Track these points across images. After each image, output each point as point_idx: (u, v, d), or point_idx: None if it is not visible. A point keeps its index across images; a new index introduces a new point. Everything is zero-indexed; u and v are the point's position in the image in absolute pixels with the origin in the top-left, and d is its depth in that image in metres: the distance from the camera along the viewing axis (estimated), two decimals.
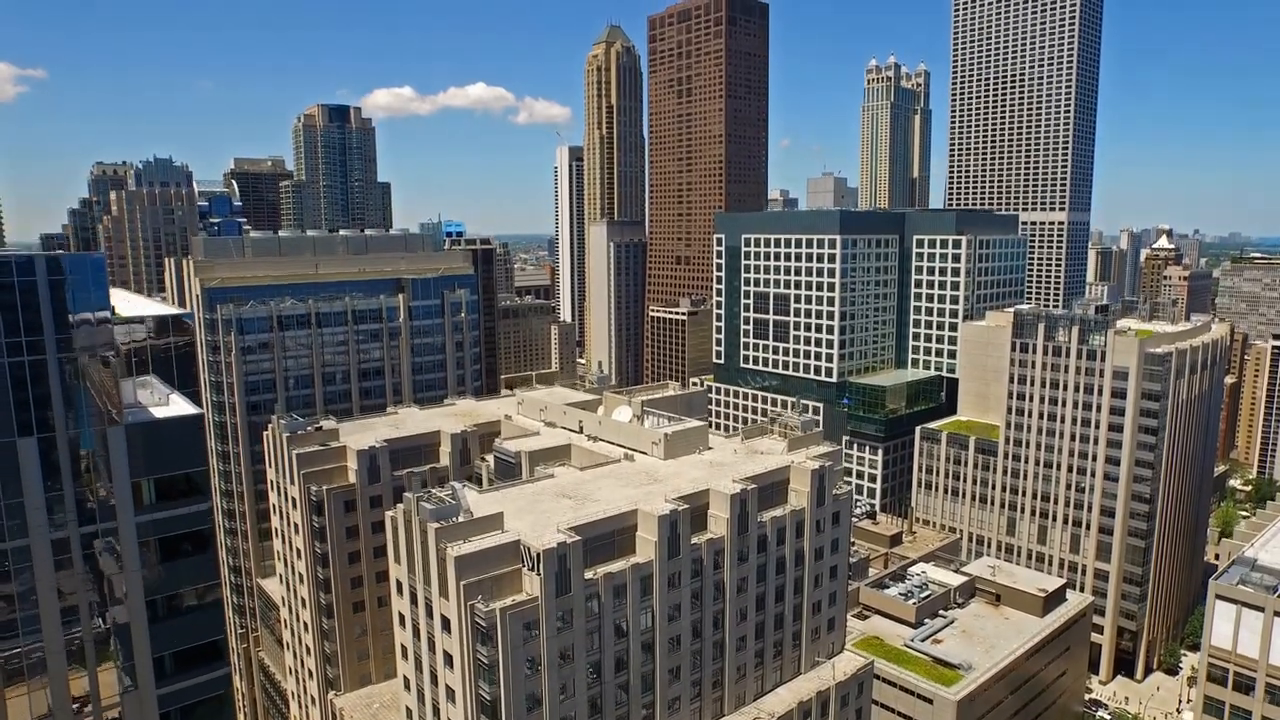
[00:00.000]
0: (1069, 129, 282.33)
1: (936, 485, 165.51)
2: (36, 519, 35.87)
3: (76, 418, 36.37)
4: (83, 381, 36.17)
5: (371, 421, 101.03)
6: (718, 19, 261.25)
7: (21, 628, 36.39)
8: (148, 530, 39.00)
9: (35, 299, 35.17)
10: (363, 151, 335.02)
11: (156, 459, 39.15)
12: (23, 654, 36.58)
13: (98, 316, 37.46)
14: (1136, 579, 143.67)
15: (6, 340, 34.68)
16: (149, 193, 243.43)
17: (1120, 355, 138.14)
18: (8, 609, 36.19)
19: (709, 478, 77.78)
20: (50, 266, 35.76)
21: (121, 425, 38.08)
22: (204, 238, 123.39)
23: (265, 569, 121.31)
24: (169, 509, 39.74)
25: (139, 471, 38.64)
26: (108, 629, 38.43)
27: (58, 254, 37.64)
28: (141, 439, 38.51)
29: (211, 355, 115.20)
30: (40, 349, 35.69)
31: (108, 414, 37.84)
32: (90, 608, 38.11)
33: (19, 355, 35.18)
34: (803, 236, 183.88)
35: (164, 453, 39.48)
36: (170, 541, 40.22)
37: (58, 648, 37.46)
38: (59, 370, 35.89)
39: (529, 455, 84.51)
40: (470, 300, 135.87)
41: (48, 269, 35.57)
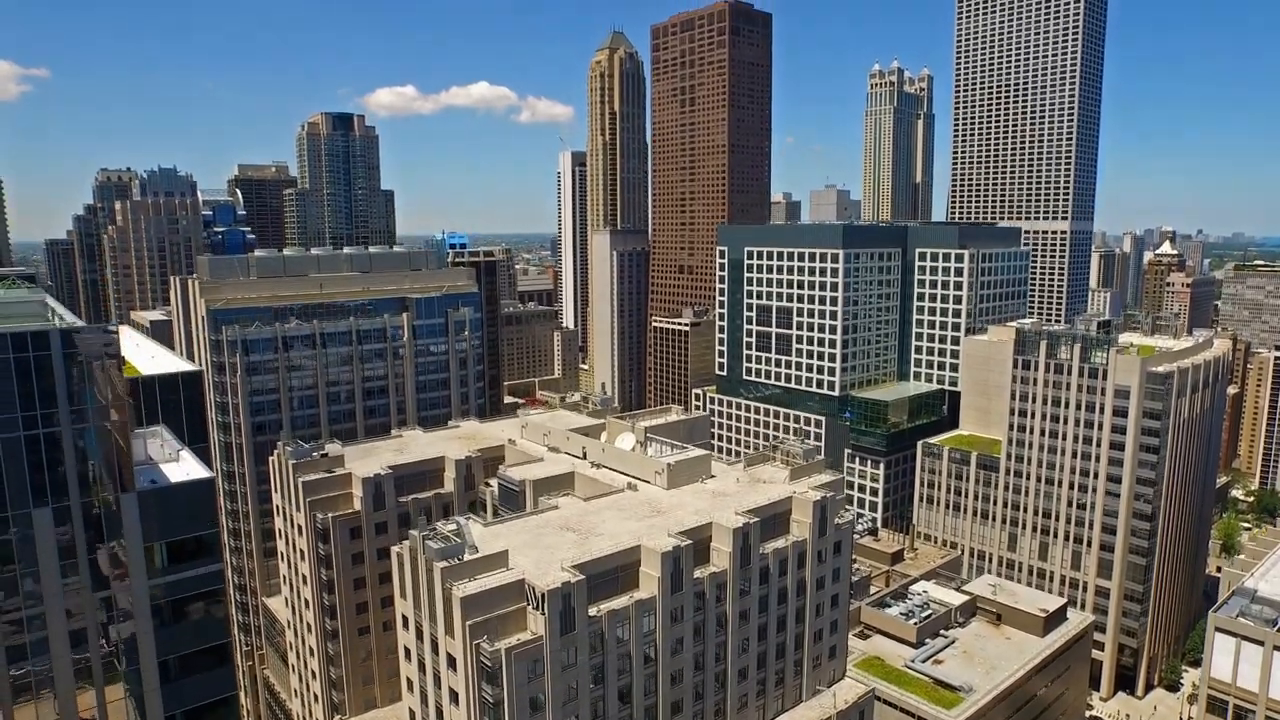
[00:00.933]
0: (1072, 139, 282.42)
1: (938, 500, 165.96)
2: (51, 587, 36.55)
3: (90, 486, 37.06)
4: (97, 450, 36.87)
5: (376, 445, 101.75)
6: (721, 29, 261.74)
7: (35, 690, 37.05)
8: (160, 593, 39.73)
9: (50, 371, 35.82)
10: (366, 159, 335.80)
11: (169, 523, 39.78)
12: None
13: (113, 394, 38.05)
14: (1137, 596, 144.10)
15: (22, 414, 35.44)
16: (153, 202, 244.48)
17: (1122, 374, 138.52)
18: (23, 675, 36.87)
19: (711, 509, 78.38)
20: (65, 340, 36.43)
21: (134, 492, 38.80)
22: (209, 258, 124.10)
23: (270, 587, 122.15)
24: (181, 571, 40.46)
25: (152, 536, 39.32)
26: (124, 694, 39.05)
27: (73, 326, 38.27)
28: (154, 504, 39.20)
29: (217, 376, 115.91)
30: (54, 421, 36.44)
31: (120, 481, 38.51)
32: (101, 670, 38.80)
33: (34, 428, 35.94)
34: (805, 250, 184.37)
35: (176, 517, 40.11)
36: (181, 602, 40.94)
37: (72, 713, 38.14)
38: (73, 441, 36.58)
39: (533, 484, 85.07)
40: (474, 318, 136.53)
41: (63, 342, 36.24)
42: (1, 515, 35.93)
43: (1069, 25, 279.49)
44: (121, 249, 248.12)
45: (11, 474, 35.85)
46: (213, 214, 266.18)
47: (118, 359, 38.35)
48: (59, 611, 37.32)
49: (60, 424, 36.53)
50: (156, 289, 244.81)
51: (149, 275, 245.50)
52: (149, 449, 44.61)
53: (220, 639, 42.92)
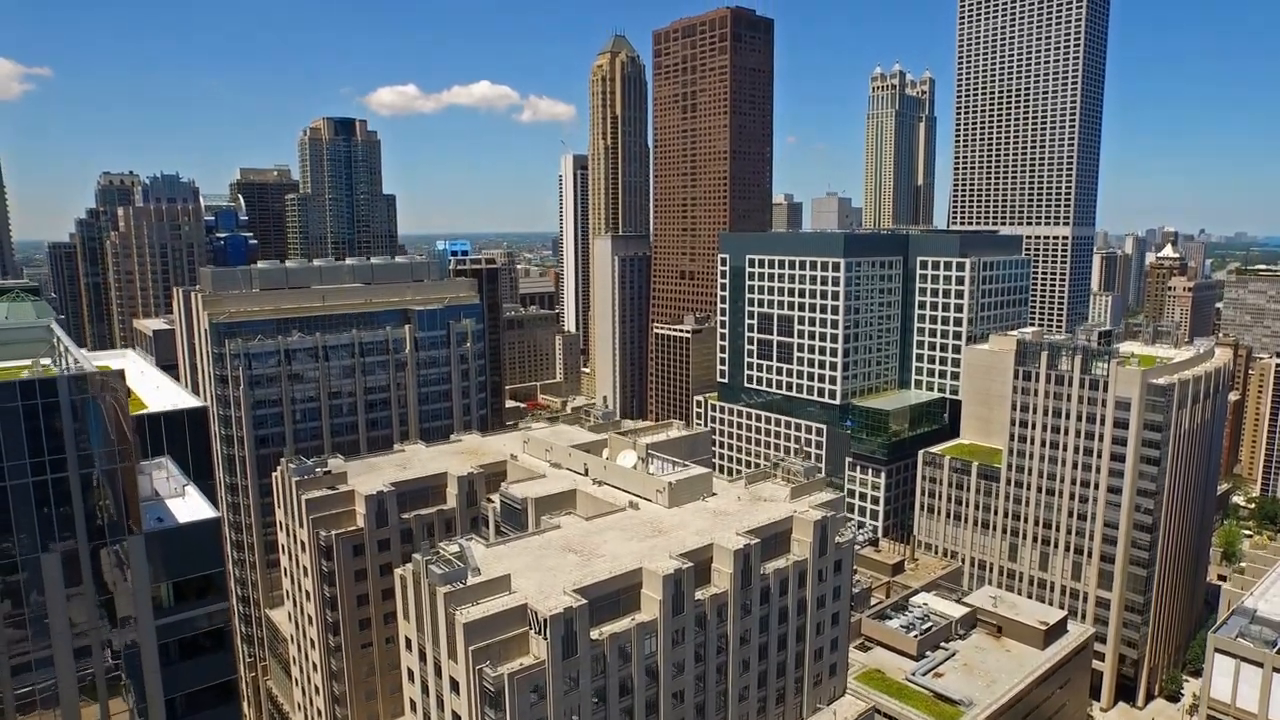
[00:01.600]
0: (1073, 144, 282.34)
1: (939, 509, 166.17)
2: (60, 628, 36.91)
3: (98, 529, 37.46)
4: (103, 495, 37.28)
5: (378, 461, 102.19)
6: (722, 35, 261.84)
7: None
8: (167, 633, 40.11)
9: (58, 418, 36.23)
10: (368, 164, 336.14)
11: (175, 564, 40.17)
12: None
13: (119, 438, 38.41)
14: (1138, 607, 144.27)
15: (30, 460, 35.83)
16: (156, 208, 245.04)
17: (1123, 386, 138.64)
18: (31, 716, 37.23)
19: (712, 528, 78.75)
20: (75, 386, 36.83)
21: (141, 535, 39.17)
22: (212, 271, 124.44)
23: (273, 599, 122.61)
24: (187, 610, 40.85)
25: (159, 576, 39.71)
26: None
27: (81, 373, 38.65)
28: (161, 545, 39.58)
29: (219, 389, 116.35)
30: (63, 466, 36.80)
31: (127, 524, 38.88)
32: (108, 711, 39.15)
33: (43, 474, 36.32)
34: (807, 258, 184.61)
35: (183, 557, 40.50)
36: (189, 640, 41.30)
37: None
38: (80, 485, 36.98)
39: (535, 502, 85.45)
40: (476, 330, 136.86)
41: (71, 389, 36.63)
42: (10, 559, 36.45)
43: (1071, 30, 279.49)
44: (124, 254, 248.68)
45: (21, 519, 36.29)
46: (215, 219, 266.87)
47: (124, 404, 38.71)
48: (67, 652, 37.69)
49: (68, 469, 36.97)
50: (159, 294, 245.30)
51: (151, 281, 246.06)
52: (154, 483, 44.99)
53: (227, 676, 43.28)
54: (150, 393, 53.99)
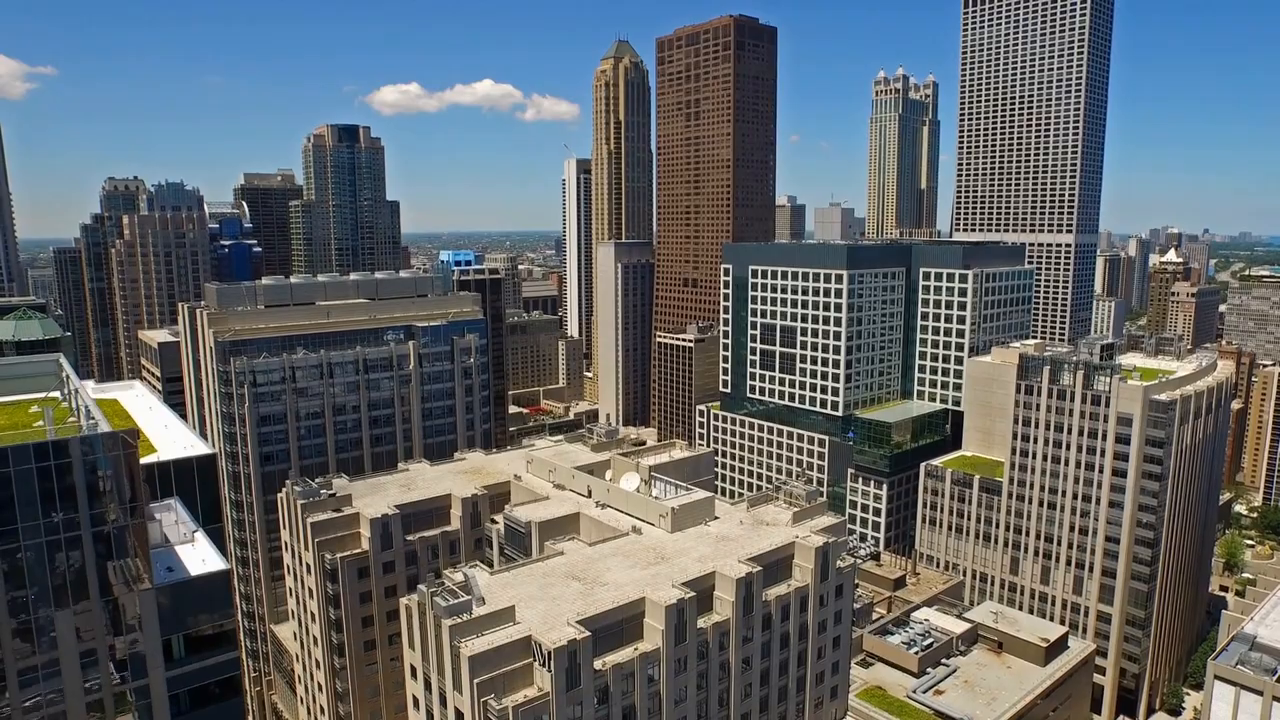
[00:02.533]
0: (1077, 152, 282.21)
1: (940, 522, 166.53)
2: (72, 684, 37.56)
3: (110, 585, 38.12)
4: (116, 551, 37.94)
5: (382, 481, 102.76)
6: (726, 43, 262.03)
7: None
8: (178, 683, 40.76)
9: (71, 478, 36.89)
10: (372, 170, 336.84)
11: (186, 616, 40.84)
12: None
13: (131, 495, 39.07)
14: (1139, 622, 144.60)
15: (44, 521, 36.49)
16: (160, 216, 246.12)
17: (1125, 402, 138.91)
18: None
19: (715, 555, 79.30)
20: (85, 447, 37.49)
21: (152, 589, 39.83)
22: (217, 287, 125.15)
23: (278, 614, 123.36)
24: (198, 660, 41.49)
25: (170, 629, 40.37)
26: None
27: (93, 435, 39.31)
28: (171, 598, 40.23)
29: (225, 406, 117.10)
30: (75, 525, 37.46)
31: (139, 579, 39.56)
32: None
33: (56, 533, 36.95)
34: (809, 270, 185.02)
35: (193, 609, 41.17)
36: (199, 690, 41.96)
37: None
38: (93, 543, 37.62)
39: (539, 526, 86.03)
40: (479, 345, 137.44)
41: (81, 450, 37.31)
42: (25, 618, 37.11)
43: (1075, 39, 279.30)
44: (129, 262, 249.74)
45: (34, 577, 36.95)
46: (219, 227, 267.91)
47: (135, 463, 39.36)
48: (79, 704, 38.31)
49: (81, 528, 37.64)
50: (164, 302, 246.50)
51: (156, 289, 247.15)
52: (164, 527, 45.62)
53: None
54: (159, 433, 54.67)
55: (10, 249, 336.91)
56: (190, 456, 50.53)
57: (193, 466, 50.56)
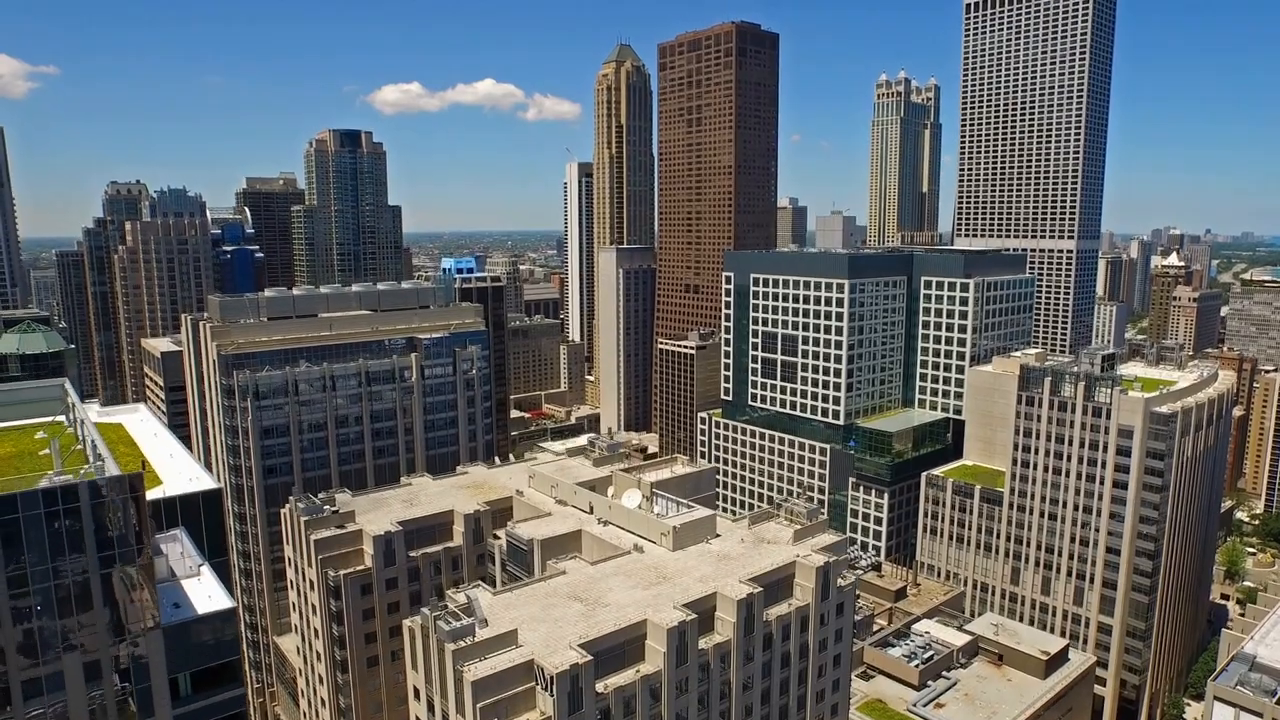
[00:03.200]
0: (1078, 159, 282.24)
1: (941, 531, 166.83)
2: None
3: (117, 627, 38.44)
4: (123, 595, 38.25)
5: (385, 495, 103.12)
6: (728, 50, 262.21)
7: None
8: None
9: (79, 521, 37.24)
10: (374, 175, 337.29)
11: (192, 655, 41.15)
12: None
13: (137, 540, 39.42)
14: (1140, 633, 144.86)
15: (52, 564, 36.84)
16: (163, 223, 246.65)
17: (1125, 414, 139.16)
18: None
19: (716, 574, 79.58)
20: (92, 490, 37.85)
21: (159, 629, 40.18)
22: (220, 300, 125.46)
23: (281, 625, 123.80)
24: (204, 698, 41.83)
25: (176, 668, 40.70)
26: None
27: (101, 479, 39.66)
28: (178, 638, 40.56)
29: (228, 420, 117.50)
30: (83, 569, 37.78)
31: (145, 620, 39.89)
32: None
33: (64, 577, 37.30)
34: (811, 279, 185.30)
35: (200, 648, 41.48)
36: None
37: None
38: (101, 586, 37.94)
39: (541, 544, 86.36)
40: (481, 356, 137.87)
41: (90, 493, 37.67)
42: (33, 661, 37.42)
43: (1077, 46, 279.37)
44: (131, 268, 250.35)
45: (43, 621, 37.30)
46: (221, 232, 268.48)
47: (143, 506, 39.73)
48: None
49: (89, 571, 37.97)
50: (166, 308, 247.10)
51: (159, 295, 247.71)
52: (170, 559, 45.98)
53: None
54: (164, 462, 55.05)
55: (13, 253, 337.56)
56: (196, 492, 50.87)
57: (198, 501, 50.90)
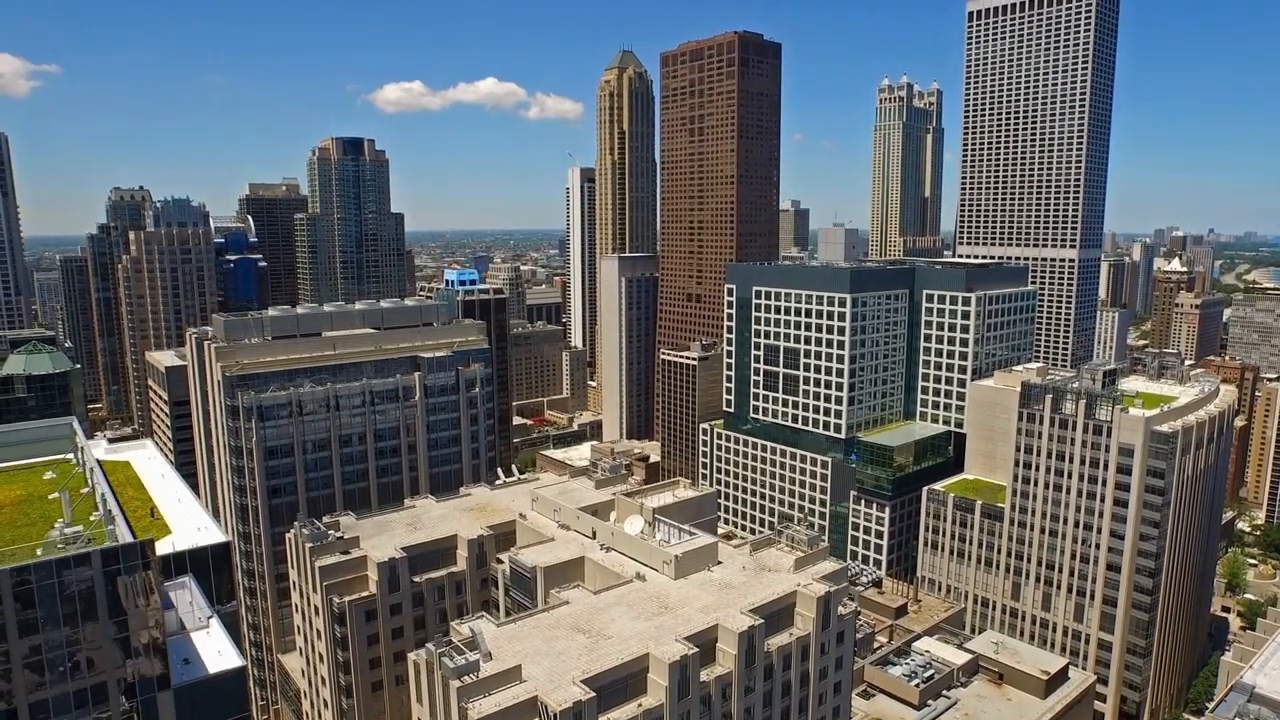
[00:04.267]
0: (1080, 168, 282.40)
1: (942, 546, 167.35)
2: None
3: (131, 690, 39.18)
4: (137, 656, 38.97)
5: (388, 519, 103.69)
6: (730, 60, 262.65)
7: None
8: None
9: (92, 588, 37.91)
10: (376, 183, 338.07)
11: (202, 713, 41.82)
12: None
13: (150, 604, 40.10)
14: (1140, 650, 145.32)
15: (66, 629, 37.50)
16: (166, 232, 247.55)
17: (1126, 433, 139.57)
18: None
19: (718, 604, 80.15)
20: (106, 558, 38.55)
21: (170, 690, 40.87)
22: (224, 319, 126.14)
23: (285, 644, 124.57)
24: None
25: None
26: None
27: (113, 547, 40.35)
28: (189, 697, 41.24)
29: (233, 440, 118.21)
30: (97, 635, 38.41)
31: (157, 680, 40.58)
32: None
33: (77, 645, 38.01)
34: (813, 293, 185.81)
35: (210, 706, 42.19)
36: None
37: None
38: (114, 649, 38.61)
39: (544, 572, 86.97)
40: (484, 374, 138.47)
41: (103, 561, 38.38)
42: None
43: (1079, 54, 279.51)
44: (135, 278, 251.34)
45: (55, 686, 37.95)
46: (225, 241, 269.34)
47: (155, 574, 40.39)
48: None
49: (102, 637, 38.61)
50: (170, 317, 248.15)
51: (162, 304, 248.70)
52: (179, 610, 46.62)
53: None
54: (172, 507, 55.72)
55: (18, 262, 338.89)
56: (205, 546, 51.49)
57: (207, 555, 51.57)
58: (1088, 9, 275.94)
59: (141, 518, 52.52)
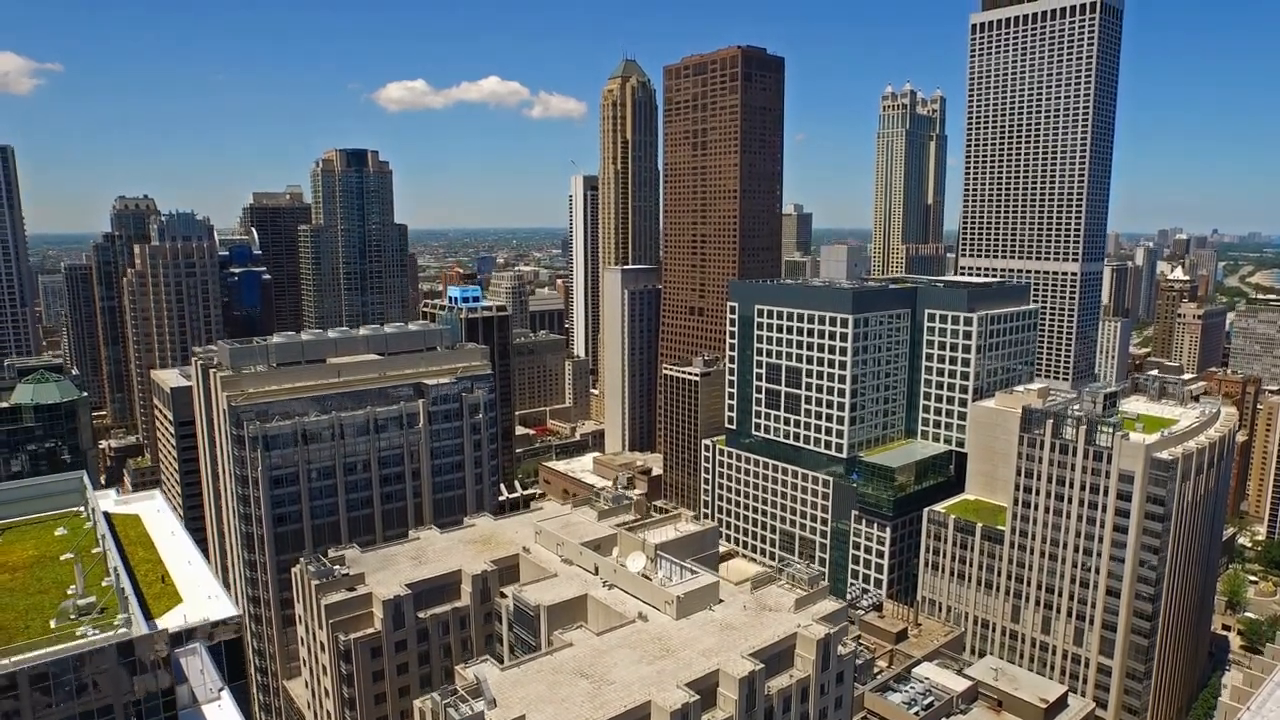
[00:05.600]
0: (1084, 181, 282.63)
1: (943, 567, 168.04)
2: None
3: None
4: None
5: (393, 552, 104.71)
6: (733, 74, 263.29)
7: None
8: None
9: (111, 678, 38.87)
10: (380, 194, 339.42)
11: None
12: None
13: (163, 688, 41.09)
14: (1139, 675, 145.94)
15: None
16: (171, 247, 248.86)
17: (1126, 459, 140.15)
18: None
19: (719, 647, 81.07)
20: (121, 649, 39.52)
21: None
22: (230, 347, 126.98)
23: (290, 670, 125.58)
24: None
25: None
26: None
27: (129, 638, 41.30)
28: None
29: (239, 469, 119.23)
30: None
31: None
32: None
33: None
34: (815, 313, 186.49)
35: None
36: None
37: None
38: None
39: (547, 611, 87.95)
40: (487, 399, 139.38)
41: (119, 654, 39.35)
42: None
43: (1083, 71, 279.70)
44: (140, 292, 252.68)
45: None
46: (229, 254, 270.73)
47: (168, 666, 41.34)
48: None
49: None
50: (175, 330, 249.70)
51: (167, 317, 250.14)
52: (190, 683, 47.52)
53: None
54: (182, 570, 56.64)
55: (23, 272, 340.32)
56: (216, 621, 52.37)
57: (218, 629, 52.60)
58: (1091, 24, 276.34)
59: (152, 584, 53.51)
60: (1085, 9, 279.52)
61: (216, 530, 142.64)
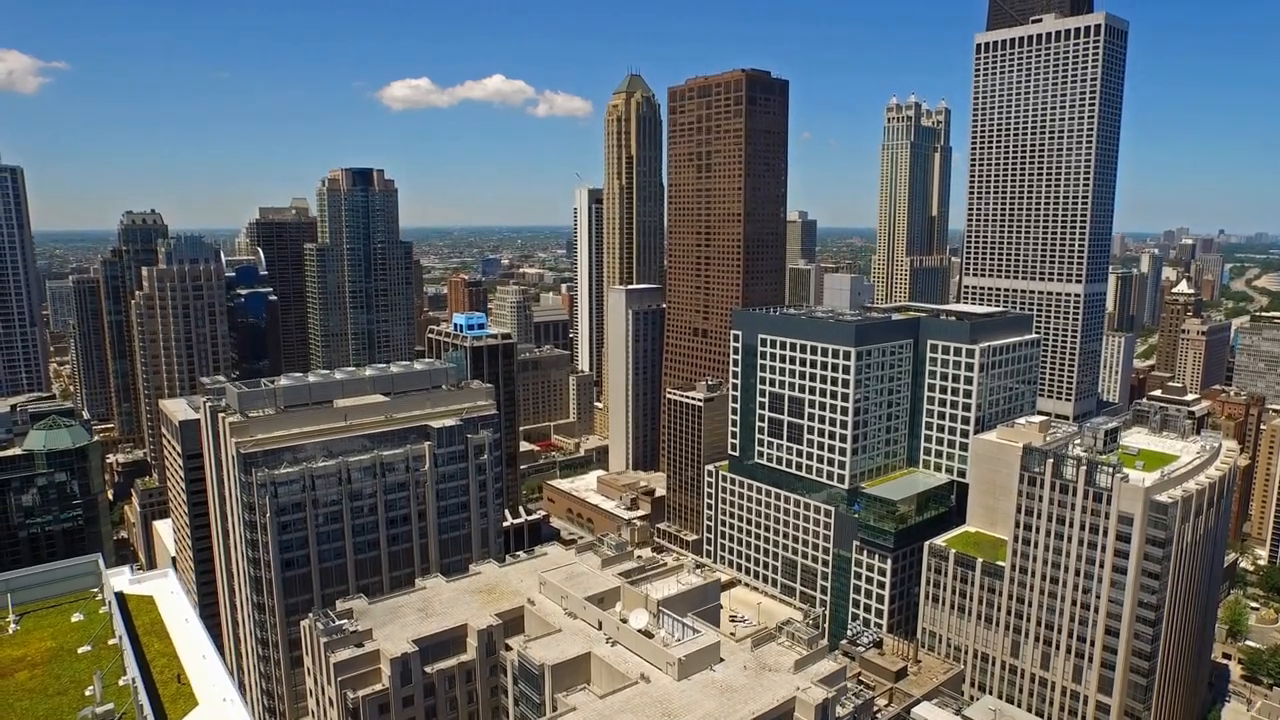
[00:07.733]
0: (1087, 203, 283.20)
1: (943, 600, 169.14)
2: None
3: None
4: None
5: (399, 603, 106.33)
6: (738, 98, 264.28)
7: None
8: None
9: None
10: (385, 213, 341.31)
11: None
12: None
13: None
14: (1138, 714, 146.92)
15: None
16: (178, 269, 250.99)
17: (1126, 502, 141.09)
18: None
19: (719, 712, 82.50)
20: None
21: None
22: (239, 391, 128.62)
23: (298, 710, 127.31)
24: None
25: None
26: None
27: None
28: None
29: (248, 515, 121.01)
30: None
31: None
32: None
33: None
34: (817, 344, 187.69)
35: None
36: None
37: None
38: None
39: (551, 670, 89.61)
40: (492, 440, 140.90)
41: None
42: None
43: (1087, 90, 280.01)
44: (148, 315, 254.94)
45: None
46: (235, 274, 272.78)
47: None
48: None
49: None
50: (182, 353, 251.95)
51: (174, 341, 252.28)
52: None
53: None
54: (196, 665, 58.10)
55: (32, 292, 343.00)
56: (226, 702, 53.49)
57: None
58: (1095, 46, 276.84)
59: (168, 682, 55.02)
60: (1089, 31, 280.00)
61: (225, 571, 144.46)
